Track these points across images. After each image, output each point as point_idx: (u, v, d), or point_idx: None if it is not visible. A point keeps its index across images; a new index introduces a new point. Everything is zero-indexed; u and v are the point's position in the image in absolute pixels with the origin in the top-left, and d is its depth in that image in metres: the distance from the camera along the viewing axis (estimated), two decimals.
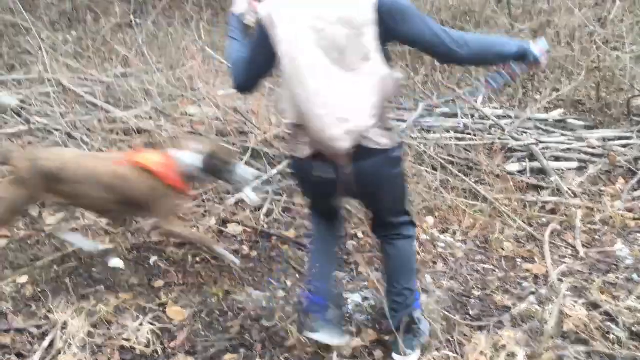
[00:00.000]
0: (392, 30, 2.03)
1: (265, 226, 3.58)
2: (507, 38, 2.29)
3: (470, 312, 2.88)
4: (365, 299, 2.95)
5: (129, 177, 2.76)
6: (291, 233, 3.51)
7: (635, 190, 4.20)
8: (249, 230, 3.51)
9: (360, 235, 3.54)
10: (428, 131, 4.70)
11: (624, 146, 4.64)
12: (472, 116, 4.99)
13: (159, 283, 3.02)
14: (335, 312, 2.55)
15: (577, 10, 5.49)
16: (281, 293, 2.97)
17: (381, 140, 2.13)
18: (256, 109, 4.44)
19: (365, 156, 2.13)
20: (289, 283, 3.06)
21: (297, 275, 3.13)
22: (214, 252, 3.06)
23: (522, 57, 2.22)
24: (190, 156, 2.84)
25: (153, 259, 3.22)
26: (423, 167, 4.15)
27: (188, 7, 7.13)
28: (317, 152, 2.16)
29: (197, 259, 3.22)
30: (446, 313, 2.75)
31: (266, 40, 2.09)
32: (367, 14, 1.98)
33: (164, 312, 2.80)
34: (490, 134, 4.76)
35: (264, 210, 3.70)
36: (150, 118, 4.36)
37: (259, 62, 2.20)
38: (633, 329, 2.67)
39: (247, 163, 3.96)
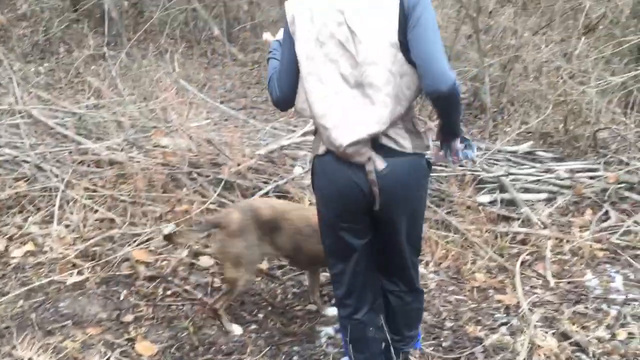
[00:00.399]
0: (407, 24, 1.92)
1: None
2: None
3: (443, 344, 2.88)
4: (338, 331, 2.93)
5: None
6: (263, 265, 3.48)
7: (603, 221, 4.28)
8: (220, 262, 3.48)
9: None
10: None
11: (591, 178, 4.73)
12: None
13: (128, 317, 2.96)
14: None
15: (543, 46, 5.66)
16: (253, 326, 2.94)
17: (405, 143, 2.00)
18: (230, 141, 4.45)
19: (390, 159, 1.99)
20: (260, 316, 3.03)
21: (270, 308, 3.10)
22: None
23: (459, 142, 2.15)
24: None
25: (123, 292, 3.16)
26: None
27: (162, 39, 7.17)
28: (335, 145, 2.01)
29: (168, 292, 3.17)
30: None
31: (291, 41, 2.05)
32: (392, 7, 1.92)
33: (133, 348, 2.74)
34: (461, 165, 4.82)
35: None
36: (122, 150, 4.33)
37: (290, 68, 2.08)
38: (602, 359, 2.70)
39: (219, 195, 3.95)
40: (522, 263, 3.68)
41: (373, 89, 1.95)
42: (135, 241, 3.49)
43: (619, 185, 4.61)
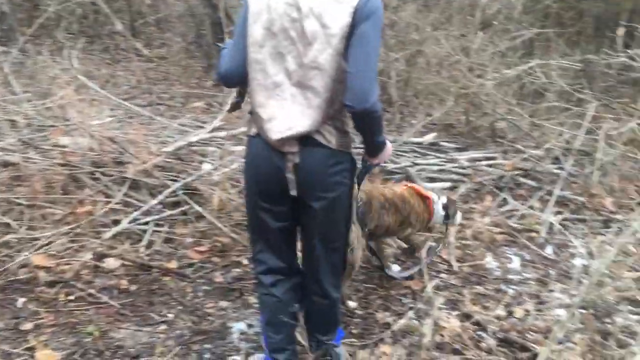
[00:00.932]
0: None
1: (146, 258, 3.46)
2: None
3: (353, 331, 2.94)
4: (250, 326, 2.93)
5: (411, 201, 3.23)
6: (173, 264, 3.41)
7: (502, 206, 4.52)
8: (128, 263, 3.37)
9: (245, 262, 3.51)
10: None
11: (490, 166, 4.99)
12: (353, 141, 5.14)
13: (27, 326, 2.81)
14: None
15: (444, 41, 5.88)
16: (163, 327, 2.88)
17: (332, 139, 2.08)
18: (135, 138, 4.31)
19: (313, 148, 2.07)
20: (170, 315, 2.97)
21: (180, 307, 3.05)
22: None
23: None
24: (437, 197, 3.38)
25: (21, 300, 2.99)
26: None
27: (59, 34, 6.83)
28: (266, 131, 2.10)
29: (71, 297, 3.04)
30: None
31: (245, 23, 2.07)
32: (345, 16, 1.96)
33: (33, 357, 2.60)
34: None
35: (144, 242, 3.57)
36: (17, 151, 4.09)
37: (238, 47, 2.11)
38: (499, 335, 2.86)
39: (125, 194, 3.83)
40: (428, 250, 3.82)
41: (313, 92, 2.03)
42: (34, 245, 3.31)
43: (516, 172, 4.89)
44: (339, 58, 1.99)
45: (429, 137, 5.59)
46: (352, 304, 3.15)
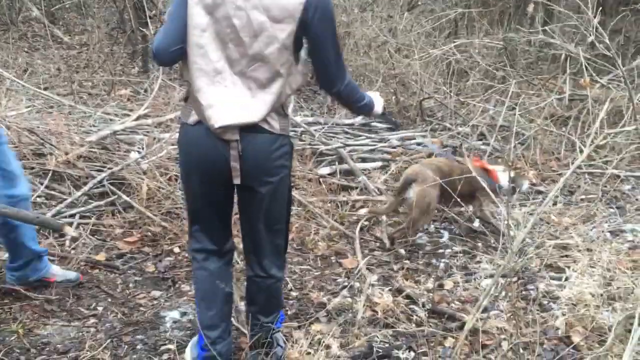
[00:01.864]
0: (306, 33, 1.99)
1: (72, 252, 3.34)
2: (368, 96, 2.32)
3: (289, 312, 2.95)
4: (183, 314, 2.89)
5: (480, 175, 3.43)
6: (101, 256, 3.32)
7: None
8: (53, 257, 3.25)
9: (176, 250, 3.45)
10: None
11: (419, 144, 5.10)
12: None
13: None
14: None
15: (371, 22, 5.93)
16: (92, 320, 2.79)
17: (274, 124, 2.08)
18: (56, 129, 4.14)
19: (256, 134, 2.06)
20: (100, 309, 2.89)
21: (109, 299, 2.97)
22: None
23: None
24: (502, 172, 3.77)
25: None
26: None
27: None
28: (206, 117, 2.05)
29: None
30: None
31: (184, 7, 1.99)
32: (294, 12, 1.94)
33: None
34: (301, 140, 4.94)
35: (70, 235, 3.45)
36: None
37: (176, 25, 2.02)
38: (430, 307, 2.94)
39: (47, 187, 3.67)
40: (362, 229, 3.87)
41: (257, 84, 2.03)
42: None
43: (444, 149, 5.01)
44: (287, 52, 1.98)
45: (360, 118, 5.64)
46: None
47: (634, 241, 3.75)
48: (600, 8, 3.86)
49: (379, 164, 4.83)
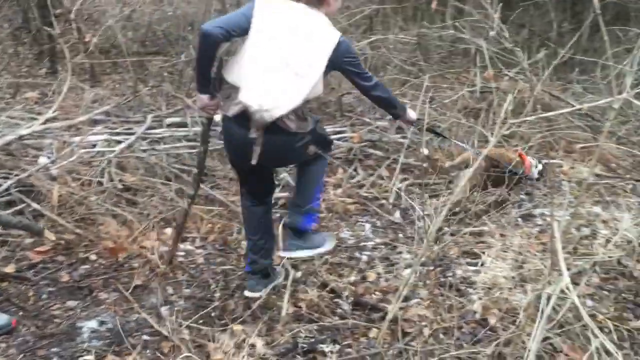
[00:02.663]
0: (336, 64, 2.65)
1: None
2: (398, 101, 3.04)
3: (212, 314, 2.91)
4: (102, 323, 2.79)
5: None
6: (10, 268, 3.14)
7: (353, 178, 4.69)
8: None
9: (93, 257, 3.32)
10: (158, 142, 4.63)
11: (340, 139, 5.15)
12: (203, 124, 5.05)
13: None
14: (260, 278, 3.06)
15: None
16: (2, 335, 2.64)
17: (290, 123, 2.60)
18: None
19: (276, 131, 2.60)
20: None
21: (21, 313, 2.82)
22: None
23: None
24: (535, 164, 4.22)
25: None
26: (156, 179, 4.07)
27: None
28: (243, 113, 2.58)
29: None
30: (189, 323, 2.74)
31: (248, 17, 2.55)
32: (328, 47, 2.59)
33: None
34: (221, 139, 4.87)
35: None
36: None
37: (235, 24, 2.54)
38: (353, 300, 2.98)
39: None
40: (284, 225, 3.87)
41: (295, 90, 2.59)
42: None
43: (364, 144, 5.09)
44: (321, 77, 2.62)
45: None
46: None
47: (543, 225, 3.95)
48: (500, 4, 4.04)
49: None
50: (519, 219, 4.01)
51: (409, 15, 7.84)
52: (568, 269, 3.05)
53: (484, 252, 3.47)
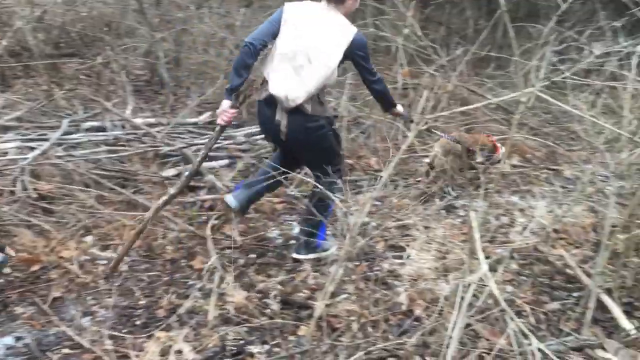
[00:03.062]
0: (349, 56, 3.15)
1: None
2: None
3: (137, 323, 2.83)
4: (18, 339, 2.65)
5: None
6: None
7: None
8: None
9: (7, 270, 3.15)
10: (75, 148, 4.46)
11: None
12: (123, 127, 4.91)
13: None
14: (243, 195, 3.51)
15: (208, 19, 5.85)
16: None
17: (307, 107, 3.14)
18: None
19: (296, 113, 3.15)
20: None
21: None
22: None
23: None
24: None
25: None
26: (74, 187, 3.92)
27: None
28: (270, 97, 3.15)
29: None
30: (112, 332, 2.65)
31: (278, 22, 3.12)
32: (345, 41, 3.10)
33: None
34: (143, 142, 4.75)
35: None
36: None
37: (267, 31, 3.12)
38: (282, 299, 2.98)
39: None
40: (212, 228, 3.81)
41: (311, 82, 3.09)
42: None
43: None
44: (335, 69, 3.13)
45: (205, 117, 5.56)
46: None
47: (465, 216, 4.08)
48: (413, 2, 4.16)
49: (226, 161, 4.79)
50: (443, 211, 4.12)
51: None
52: (487, 257, 3.19)
53: (409, 245, 3.55)
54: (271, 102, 3.16)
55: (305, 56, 3.06)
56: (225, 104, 3.19)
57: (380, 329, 2.68)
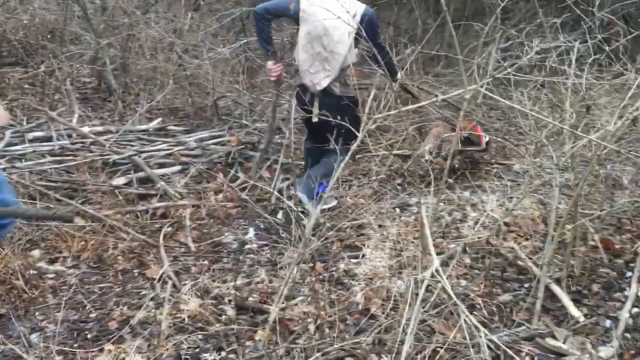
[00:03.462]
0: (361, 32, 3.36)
1: None
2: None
3: (89, 336, 2.75)
4: None
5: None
6: None
7: (234, 181, 4.64)
8: None
9: None
10: (20, 159, 4.32)
11: (218, 143, 5.08)
12: (70, 136, 4.79)
13: None
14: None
15: (154, 24, 5.76)
16: None
17: (335, 89, 3.87)
18: None
19: (327, 94, 3.87)
20: None
21: None
22: None
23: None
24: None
25: None
26: (20, 199, 3.79)
27: None
28: (303, 84, 3.94)
29: None
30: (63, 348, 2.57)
31: (297, 13, 3.80)
32: (356, 18, 3.61)
33: None
34: (91, 151, 4.64)
35: None
36: None
37: (281, 11, 3.92)
38: (238, 305, 2.95)
39: None
40: (165, 236, 3.75)
41: (331, 66, 3.82)
42: None
43: (243, 147, 5.05)
44: (350, 48, 3.78)
45: (154, 123, 5.47)
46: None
47: (419, 213, 4.12)
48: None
49: (178, 167, 4.72)
50: (397, 209, 4.16)
51: None
52: (441, 253, 3.24)
53: (364, 244, 3.56)
54: (304, 86, 3.91)
55: (322, 47, 3.73)
56: (268, 63, 4.01)
57: (337, 329, 2.68)
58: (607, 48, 2.78)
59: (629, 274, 3.13)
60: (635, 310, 2.82)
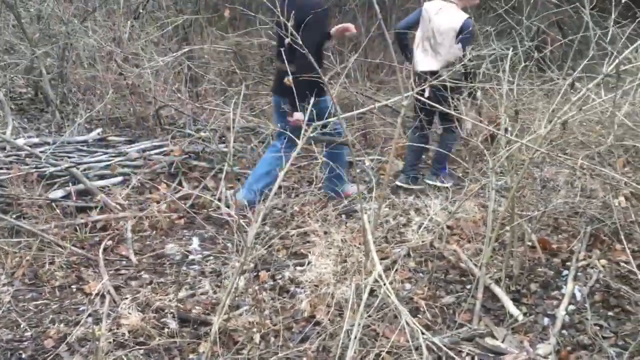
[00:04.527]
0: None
1: None
2: None
3: (24, 356, 2.64)
4: None
5: None
6: None
7: (178, 192, 4.55)
8: None
9: None
10: None
11: (160, 153, 4.98)
12: (4, 149, 4.60)
13: None
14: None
15: (91, 33, 5.62)
16: None
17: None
18: None
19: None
20: None
21: None
22: None
23: None
24: None
25: None
26: None
27: None
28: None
29: None
30: None
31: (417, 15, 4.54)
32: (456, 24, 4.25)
33: None
34: (26, 164, 4.47)
35: None
36: None
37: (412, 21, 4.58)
38: (181, 317, 2.89)
39: None
40: (105, 249, 3.65)
41: (440, 54, 4.37)
42: None
43: (186, 156, 4.97)
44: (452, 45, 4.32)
45: (94, 134, 5.32)
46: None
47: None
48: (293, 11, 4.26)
49: (120, 179, 4.60)
50: (343, 216, 4.17)
51: (224, 25, 7.85)
52: (386, 258, 3.27)
53: (310, 252, 3.55)
54: (418, 74, 4.41)
55: (429, 44, 4.38)
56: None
57: (282, 337, 2.66)
58: (536, 55, 2.89)
59: (565, 272, 3.23)
60: (572, 307, 2.92)
